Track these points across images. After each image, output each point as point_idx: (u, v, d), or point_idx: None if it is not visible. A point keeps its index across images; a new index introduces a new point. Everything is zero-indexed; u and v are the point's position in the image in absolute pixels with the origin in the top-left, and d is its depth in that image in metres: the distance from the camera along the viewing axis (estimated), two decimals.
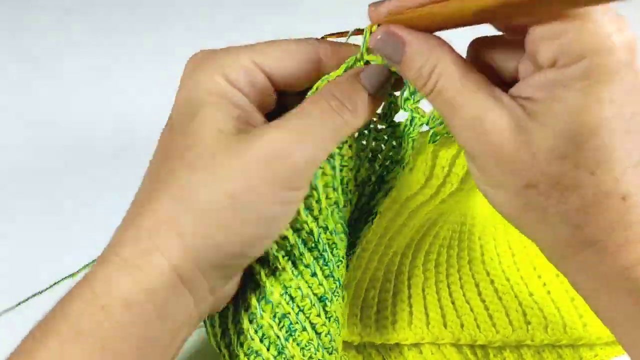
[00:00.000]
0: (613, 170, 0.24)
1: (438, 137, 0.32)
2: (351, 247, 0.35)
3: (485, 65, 0.29)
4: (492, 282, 0.42)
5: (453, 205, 0.37)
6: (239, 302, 0.32)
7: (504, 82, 0.28)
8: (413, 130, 0.32)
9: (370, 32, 0.29)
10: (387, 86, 0.31)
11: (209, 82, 0.29)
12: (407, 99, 0.31)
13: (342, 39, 0.32)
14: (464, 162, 0.32)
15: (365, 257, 0.37)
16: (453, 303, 0.41)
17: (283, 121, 0.28)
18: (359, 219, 0.35)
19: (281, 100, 0.32)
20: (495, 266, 0.43)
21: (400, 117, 0.33)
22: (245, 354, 0.31)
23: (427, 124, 0.31)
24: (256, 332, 0.30)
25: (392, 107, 0.32)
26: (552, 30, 0.24)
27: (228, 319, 0.32)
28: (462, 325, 0.40)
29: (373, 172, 0.34)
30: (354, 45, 0.31)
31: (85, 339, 0.25)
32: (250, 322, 0.31)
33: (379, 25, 0.29)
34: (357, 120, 0.30)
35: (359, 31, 0.30)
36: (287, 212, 0.29)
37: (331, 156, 0.31)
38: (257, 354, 0.30)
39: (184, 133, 0.28)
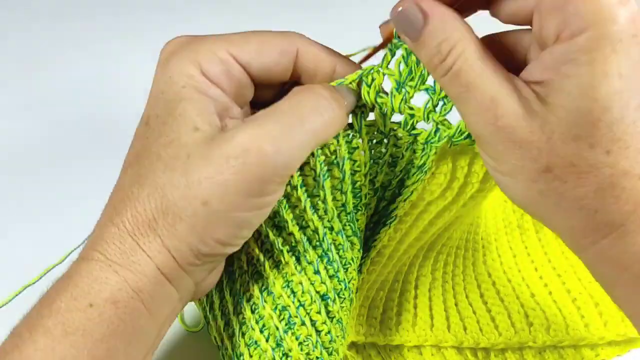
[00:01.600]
0: (629, 148, 0.24)
1: (457, 144, 0.31)
2: (368, 250, 0.35)
3: (497, 51, 0.28)
4: (494, 283, 0.42)
5: (471, 208, 0.36)
6: (241, 293, 0.32)
7: (516, 68, 0.27)
8: (438, 140, 0.31)
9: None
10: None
11: (184, 75, 0.28)
12: (431, 111, 0.30)
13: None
14: (482, 161, 0.32)
15: (381, 262, 0.37)
16: (457, 305, 0.41)
17: (258, 120, 0.27)
18: (378, 222, 0.35)
19: (260, 91, 0.31)
20: (497, 267, 0.43)
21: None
22: (246, 344, 0.31)
23: (451, 136, 0.30)
24: (257, 322, 0.31)
25: (414, 117, 0.31)
26: (556, 1, 0.24)
27: (230, 311, 0.32)
28: (465, 329, 0.40)
29: (394, 176, 0.33)
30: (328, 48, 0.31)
31: (74, 336, 0.25)
32: (252, 312, 0.31)
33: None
34: (340, 120, 0.29)
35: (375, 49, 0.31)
36: (259, 215, 0.28)
37: (341, 159, 0.30)
38: (257, 344, 0.30)
39: (162, 130, 0.28)
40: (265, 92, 0.32)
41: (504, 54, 0.28)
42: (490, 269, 0.43)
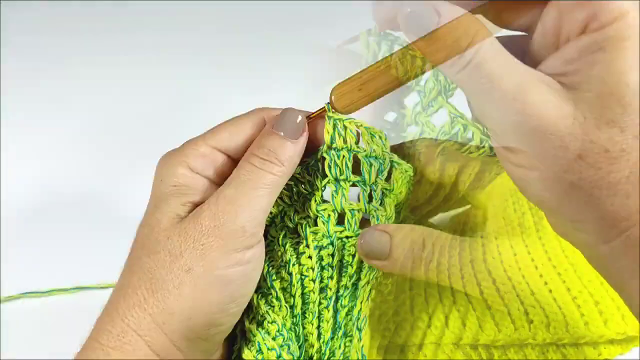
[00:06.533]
0: None
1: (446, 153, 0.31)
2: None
3: None
4: (494, 281, 0.42)
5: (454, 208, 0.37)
6: None
7: None
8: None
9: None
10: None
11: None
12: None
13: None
14: (470, 170, 0.32)
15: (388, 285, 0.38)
16: (455, 303, 0.41)
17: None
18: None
19: None
20: (497, 265, 0.43)
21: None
22: None
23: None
24: None
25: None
26: None
27: None
28: (464, 325, 0.40)
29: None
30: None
31: None
32: None
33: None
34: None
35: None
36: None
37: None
38: None
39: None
40: None
41: None
42: (490, 267, 0.43)
